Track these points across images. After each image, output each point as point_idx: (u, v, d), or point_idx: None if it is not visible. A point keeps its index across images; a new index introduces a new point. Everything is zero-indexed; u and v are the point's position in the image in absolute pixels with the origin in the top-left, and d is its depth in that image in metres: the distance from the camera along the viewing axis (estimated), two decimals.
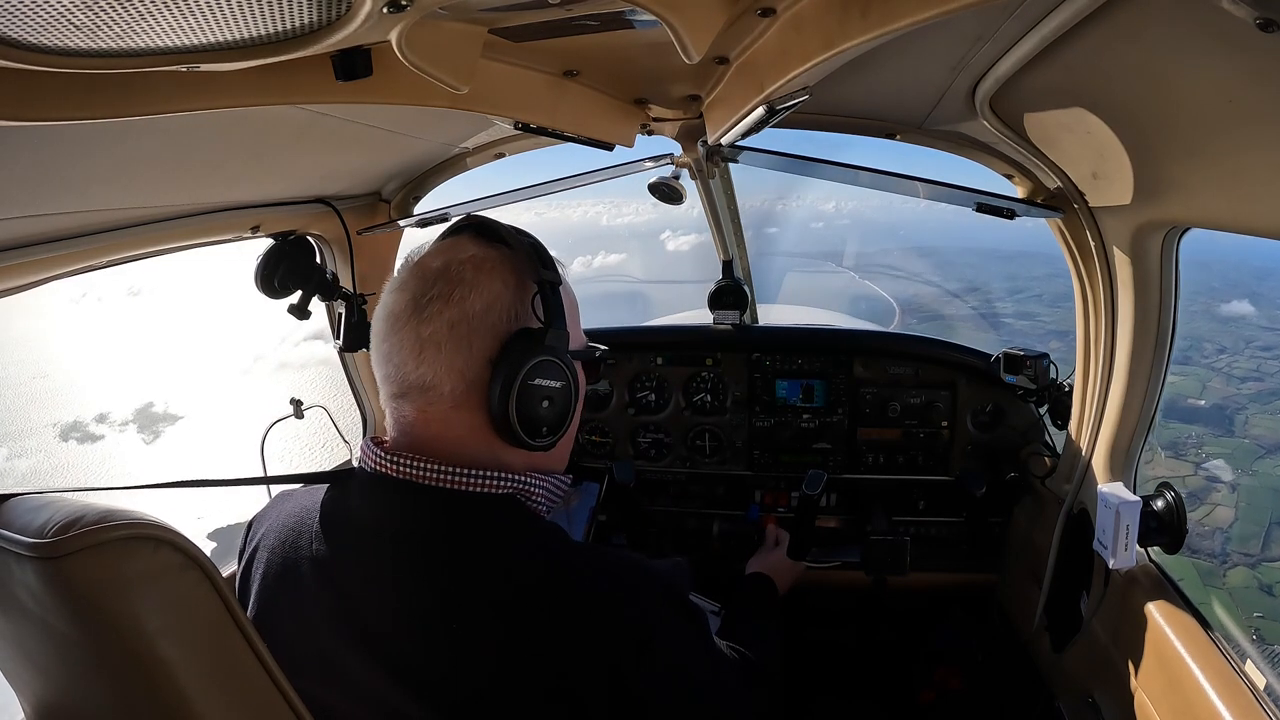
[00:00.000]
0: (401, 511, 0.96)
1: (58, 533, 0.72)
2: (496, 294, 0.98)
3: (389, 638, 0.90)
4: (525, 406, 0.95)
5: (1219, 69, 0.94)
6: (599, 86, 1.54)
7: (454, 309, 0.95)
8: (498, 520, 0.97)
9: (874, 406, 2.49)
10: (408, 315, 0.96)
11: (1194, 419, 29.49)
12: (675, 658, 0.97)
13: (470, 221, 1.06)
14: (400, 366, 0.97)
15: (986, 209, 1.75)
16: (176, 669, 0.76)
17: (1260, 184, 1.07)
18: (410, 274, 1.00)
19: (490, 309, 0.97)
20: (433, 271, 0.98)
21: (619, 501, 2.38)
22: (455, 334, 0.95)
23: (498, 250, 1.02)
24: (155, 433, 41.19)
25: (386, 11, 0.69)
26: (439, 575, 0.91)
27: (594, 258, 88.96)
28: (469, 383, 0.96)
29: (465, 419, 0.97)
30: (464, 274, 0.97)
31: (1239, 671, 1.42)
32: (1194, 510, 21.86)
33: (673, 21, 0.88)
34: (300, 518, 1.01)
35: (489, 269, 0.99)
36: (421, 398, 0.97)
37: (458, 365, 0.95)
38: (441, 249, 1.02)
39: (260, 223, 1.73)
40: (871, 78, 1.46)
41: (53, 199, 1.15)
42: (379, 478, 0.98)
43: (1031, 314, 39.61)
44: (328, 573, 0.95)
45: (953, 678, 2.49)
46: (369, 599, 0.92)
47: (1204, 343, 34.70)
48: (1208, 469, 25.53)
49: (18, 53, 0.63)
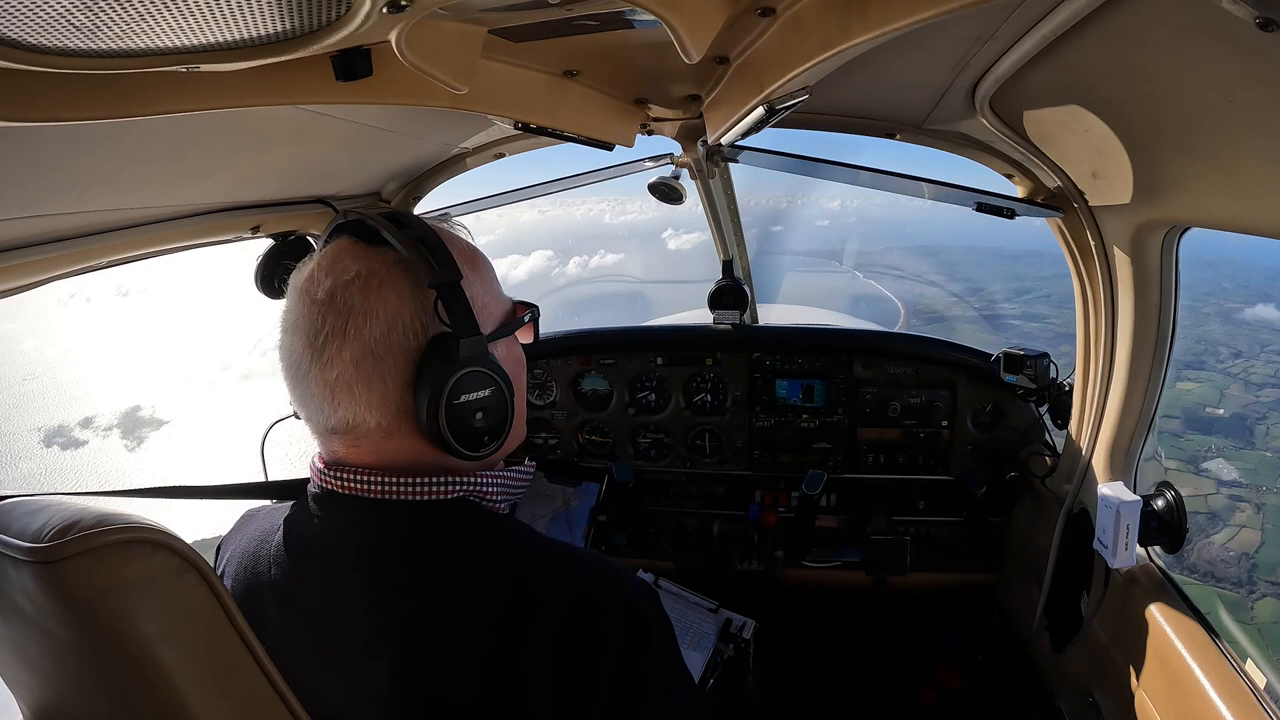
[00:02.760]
0: (352, 529, 0.92)
1: (54, 537, 0.72)
2: (394, 311, 0.88)
3: (356, 665, 0.88)
4: (459, 426, 0.89)
5: (1219, 69, 0.94)
6: (599, 86, 1.54)
7: (353, 344, 0.87)
8: (452, 528, 0.93)
9: (874, 406, 2.49)
10: (309, 361, 0.88)
11: (1213, 429, 27.04)
12: (663, 667, 0.93)
13: (347, 222, 0.96)
14: (318, 410, 0.91)
15: (986, 208, 1.75)
16: (174, 672, 0.76)
17: (1260, 183, 1.07)
18: (299, 307, 0.90)
19: (391, 330, 0.88)
20: (320, 303, 0.88)
21: (619, 502, 2.38)
22: (363, 370, 0.87)
23: (383, 257, 0.91)
24: (139, 438, 41.02)
25: (386, 11, 0.69)
26: (398, 594, 0.88)
27: (591, 258, 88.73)
28: (394, 413, 0.89)
29: (401, 444, 0.91)
30: (353, 300, 0.88)
31: (1239, 671, 1.42)
32: (1217, 533, 20.05)
33: (673, 21, 0.88)
34: (260, 541, 0.98)
35: (378, 285, 0.88)
36: (349, 436, 0.91)
37: (375, 400, 0.88)
38: (324, 267, 0.91)
39: (260, 223, 1.73)
40: (871, 78, 1.45)
41: (52, 199, 1.14)
42: (327, 494, 0.94)
43: (1040, 315, 38.70)
44: (289, 598, 0.92)
45: (953, 678, 2.49)
46: (332, 622, 0.89)
47: (1219, 346, 32.65)
48: (1228, 483, 23.02)
49: (18, 53, 0.63)
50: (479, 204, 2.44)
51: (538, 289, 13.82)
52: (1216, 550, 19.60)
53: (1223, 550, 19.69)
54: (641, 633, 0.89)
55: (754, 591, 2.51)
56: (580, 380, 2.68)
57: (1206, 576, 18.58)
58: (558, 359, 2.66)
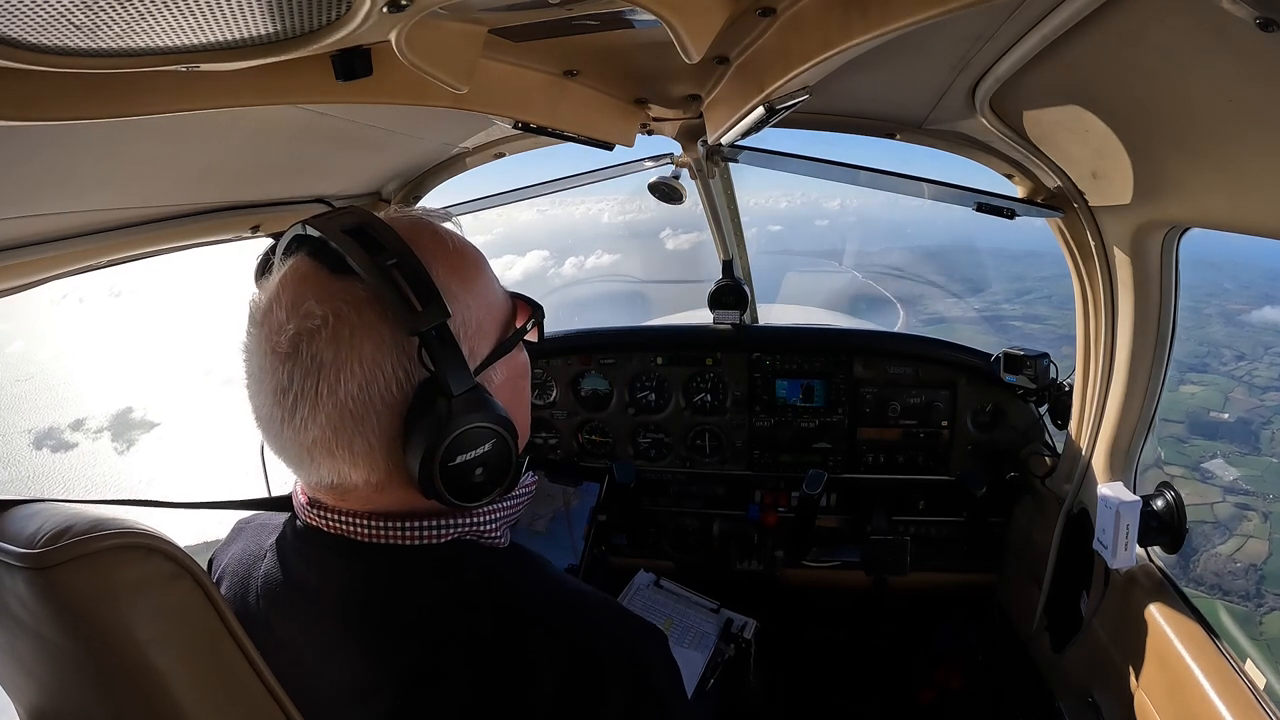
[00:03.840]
0: (340, 574, 0.86)
1: (48, 542, 0.71)
2: (371, 363, 0.76)
3: (346, 714, 0.84)
4: (458, 484, 0.80)
5: (1219, 69, 0.94)
6: (599, 86, 1.54)
7: (326, 405, 0.76)
8: (446, 576, 0.86)
9: (874, 406, 2.49)
10: (279, 421, 0.78)
11: (1218, 434, 25.77)
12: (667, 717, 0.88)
13: (305, 245, 0.82)
14: (299, 468, 0.83)
15: (986, 208, 1.75)
16: (169, 678, 0.75)
17: (1260, 183, 1.07)
18: (259, 356, 0.79)
19: (370, 384, 0.77)
20: (284, 356, 0.76)
21: (619, 501, 2.38)
22: (343, 433, 0.77)
23: (352, 294, 0.77)
24: (129, 440, 40.87)
25: (386, 11, 0.69)
26: (389, 647, 0.82)
27: (587, 258, 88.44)
28: (385, 467, 0.80)
29: (395, 496, 0.84)
30: (321, 355, 0.75)
31: (1239, 671, 1.42)
32: (1224, 543, 19.01)
33: (673, 21, 0.88)
34: (249, 565, 0.93)
35: (349, 335, 0.76)
36: (337, 491, 0.83)
37: (360, 459, 0.79)
38: (285, 304, 0.78)
39: (260, 223, 1.73)
40: (871, 78, 1.46)
41: (52, 199, 1.14)
42: (312, 530, 0.87)
43: (1041, 317, 37.83)
44: (276, 634, 0.88)
45: (953, 678, 2.49)
46: (320, 668, 0.85)
47: (1222, 349, 31.38)
48: (1229, 487, 21.71)
49: (18, 53, 0.63)
50: (479, 204, 2.45)
51: (534, 290, 13.75)
52: (1223, 561, 18.81)
53: (1229, 561, 18.51)
54: (645, 688, 0.85)
55: (754, 591, 2.51)
56: (580, 380, 2.68)
57: (1214, 589, 17.80)
58: (558, 359, 2.66)
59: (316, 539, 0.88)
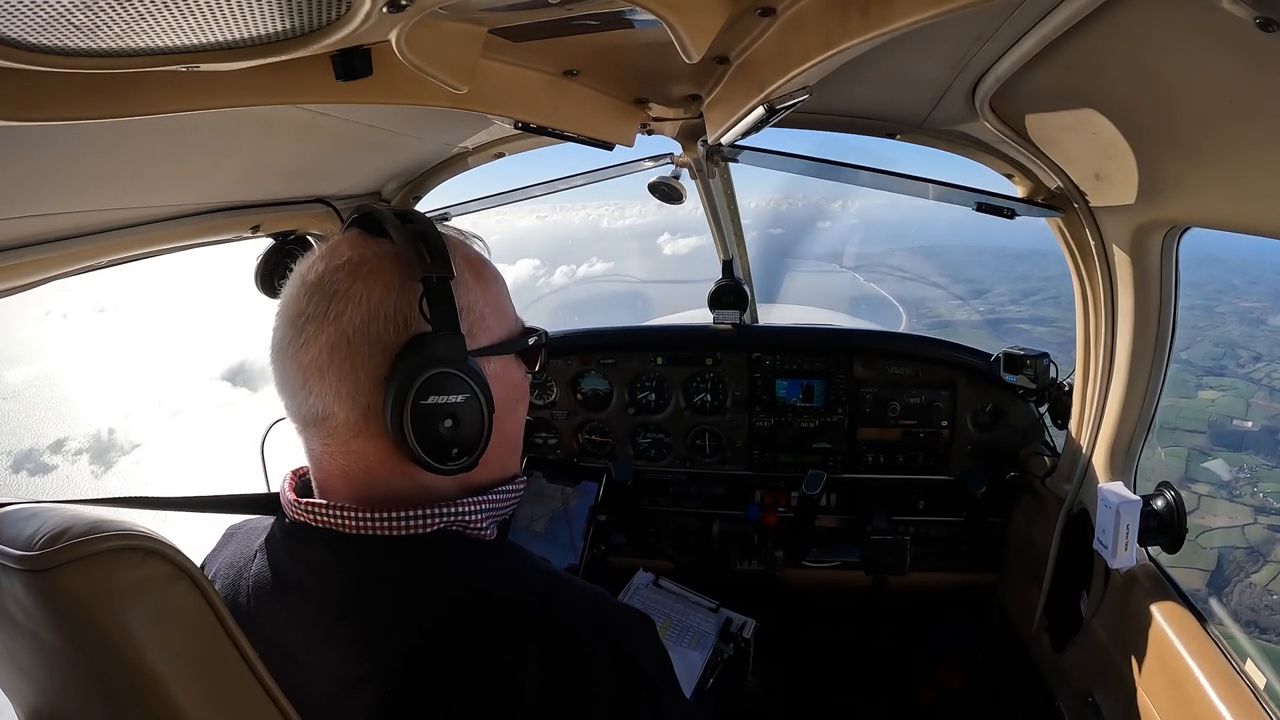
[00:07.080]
0: (328, 569, 0.88)
1: (45, 544, 0.71)
2: (377, 302, 0.85)
3: (334, 708, 0.85)
4: (424, 429, 0.84)
5: (1219, 68, 0.94)
6: (599, 86, 1.54)
7: (331, 328, 0.84)
8: (431, 567, 0.88)
9: (874, 406, 2.49)
10: (288, 340, 0.86)
11: (1243, 445, 23.95)
12: (658, 705, 0.89)
13: (358, 214, 0.95)
14: (292, 397, 0.88)
15: (987, 208, 1.76)
16: (168, 681, 0.75)
17: (1260, 183, 1.07)
18: (291, 289, 0.89)
19: (372, 320, 0.85)
20: (309, 285, 0.87)
21: (618, 501, 2.38)
22: (336, 357, 0.84)
23: (379, 247, 0.89)
24: (107, 463, 40.61)
25: (386, 11, 0.69)
26: (376, 639, 0.84)
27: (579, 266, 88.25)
28: (363, 409, 0.85)
29: (370, 448, 0.88)
30: (339, 285, 0.86)
31: (1239, 671, 1.42)
32: (1258, 571, 16.85)
33: (673, 21, 0.88)
34: (239, 568, 0.95)
35: (367, 273, 0.86)
36: (321, 429, 0.88)
37: (346, 391, 0.85)
38: (323, 254, 0.90)
39: (260, 223, 1.73)
40: (871, 78, 1.46)
41: (52, 199, 1.14)
42: (299, 527, 0.90)
43: (1048, 319, 36.27)
44: (267, 633, 0.88)
45: (953, 677, 2.49)
46: (310, 663, 0.86)
47: (1238, 349, 29.69)
48: (1265, 509, 19.21)
49: (18, 53, 0.63)
50: (479, 204, 2.45)
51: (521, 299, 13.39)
52: (1259, 594, 16.67)
53: (1265, 594, 16.52)
54: (634, 675, 0.86)
55: (754, 591, 2.51)
56: (580, 380, 2.68)
57: (1250, 626, 15.90)
58: (558, 359, 2.66)
59: (304, 535, 0.90)
